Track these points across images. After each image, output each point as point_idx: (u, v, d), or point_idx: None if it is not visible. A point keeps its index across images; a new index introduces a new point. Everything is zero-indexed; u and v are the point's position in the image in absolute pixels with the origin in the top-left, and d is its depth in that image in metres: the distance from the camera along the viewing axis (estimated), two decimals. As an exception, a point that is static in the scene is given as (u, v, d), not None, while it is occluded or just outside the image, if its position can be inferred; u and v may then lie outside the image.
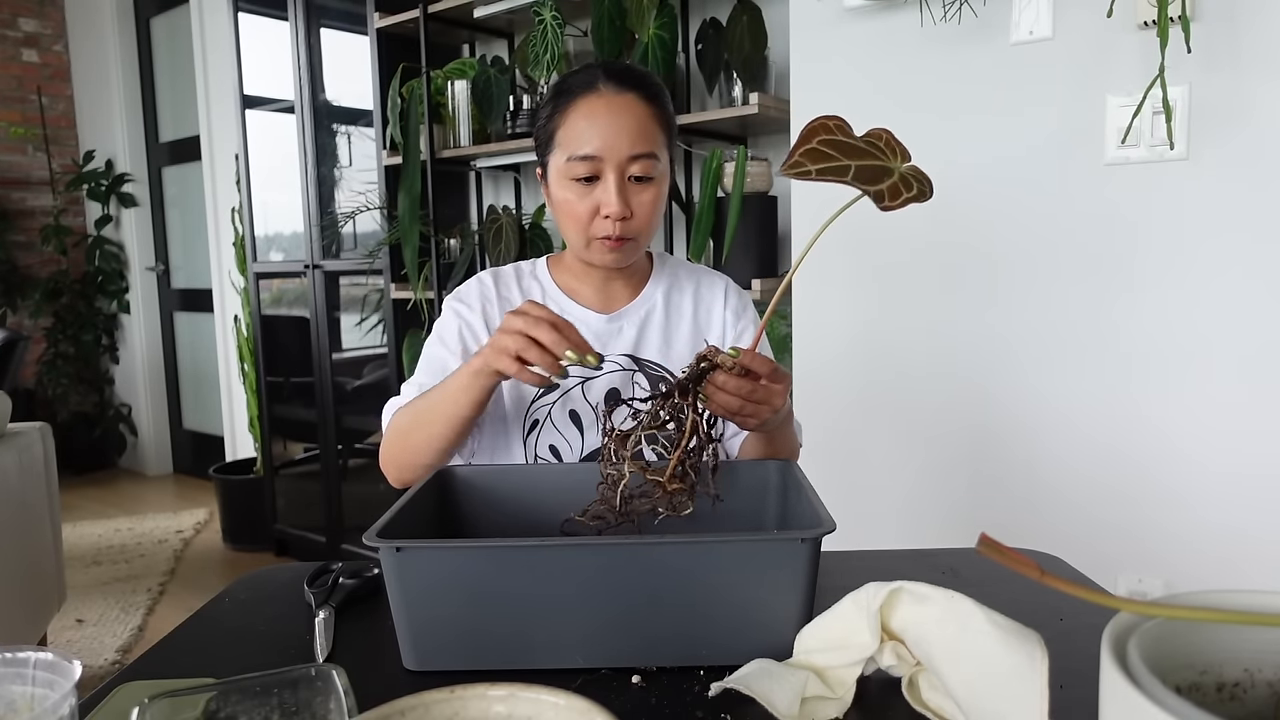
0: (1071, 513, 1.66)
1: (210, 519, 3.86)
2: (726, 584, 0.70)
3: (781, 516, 0.92)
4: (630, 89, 1.07)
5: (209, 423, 4.47)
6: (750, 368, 0.87)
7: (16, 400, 2.34)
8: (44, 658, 0.51)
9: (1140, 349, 1.58)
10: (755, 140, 2.45)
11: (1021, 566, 0.39)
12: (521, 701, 0.46)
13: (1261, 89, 1.44)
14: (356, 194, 2.90)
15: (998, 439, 1.75)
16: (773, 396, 0.90)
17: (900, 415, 1.86)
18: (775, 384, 0.90)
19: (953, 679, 0.60)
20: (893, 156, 0.81)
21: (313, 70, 3.04)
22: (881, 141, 0.81)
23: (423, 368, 1.14)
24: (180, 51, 4.20)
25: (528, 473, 1.01)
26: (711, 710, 0.65)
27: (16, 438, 2.17)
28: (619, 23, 2.24)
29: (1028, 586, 0.78)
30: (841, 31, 1.85)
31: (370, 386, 3.19)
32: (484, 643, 0.72)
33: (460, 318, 1.16)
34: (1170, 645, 0.40)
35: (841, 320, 1.91)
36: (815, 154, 0.77)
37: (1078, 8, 1.58)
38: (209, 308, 4.23)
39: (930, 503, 1.84)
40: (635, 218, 1.08)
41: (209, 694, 0.50)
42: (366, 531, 0.71)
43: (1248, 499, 1.50)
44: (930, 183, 0.81)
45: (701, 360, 0.86)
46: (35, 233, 4.55)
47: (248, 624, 0.85)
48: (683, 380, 0.84)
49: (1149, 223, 1.56)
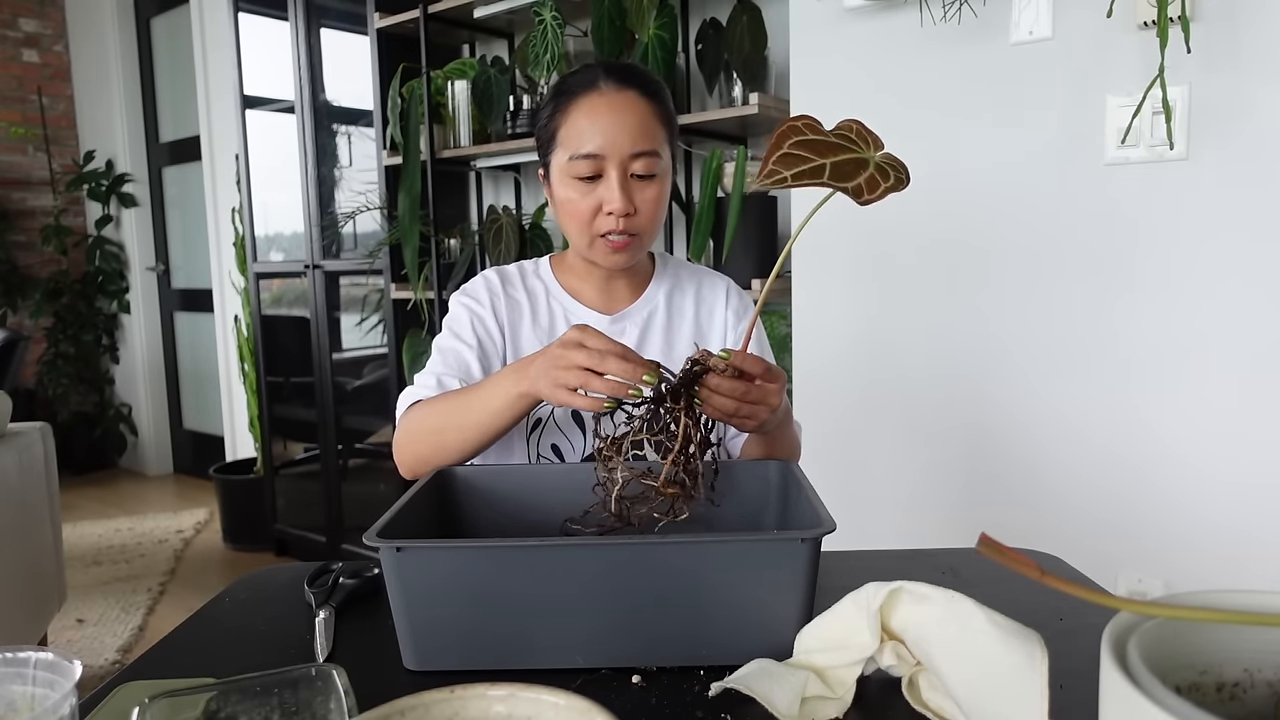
0: (1071, 513, 1.66)
1: (210, 519, 3.86)
2: (726, 584, 0.70)
3: (781, 516, 0.92)
4: (631, 87, 1.07)
5: (209, 423, 4.47)
6: (743, 369, 0.86)
7: (16, 400, 2.34)
8: (44, 658, 0.51)
9: (1140, 349, 1.58)
10: (755, 140, 2.45)
11: (1021, 566, 0.39)
12: (521, 701, 0.46)
13: (1261, 89, 1.44)
14: (356, 194, 2.90)
15: (998, 439, 1.75)
16: (768, 396, 0.89)
17: (900, 415, 1.86)
18: (770, 383, 0.89)
19: (953, 679, 0.60)
20: (866, 146, 0.80)
21: (313, 70, 3.04)
22: (853, 133, 0.80)
23: (438, 360, 1.14)
24: (180, 51, 4.20)
25: (528, 473, 1.01)
26: (711, 710, 0.65)
27: (16, 438, 2.17)
28: (619, 23, 2.24)
29: (1028, 586, 0.78)
30: (841, 31, 1.85)
31: (370, 386, 3.19)
32: (484, 643, 0.72)
33: (471, 311, 1.16)
34: (1170, 645, 0.40)
35: (841, 320, 1.91)
36: (789, 159, 0.76)
37: (1078, 8, 1.58)
38: (209, 308, 4.23)
39: (930, 503, 1.84)
40: (639, 214, 1.08)
41: (209, 694, 0.50)
42: (366, 531, 0.71)
43: (1248, 499, 1.50)
44: (906, 169, 0.80)
45: (694, 364, 0.85)
46: (35, 233, 4.56)
47: (248, 624, 0.85)
48: (674, 385, 0.83)
49: (1149, 223, 1.56)
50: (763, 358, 0.89)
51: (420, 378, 1.13)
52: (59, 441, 2.44)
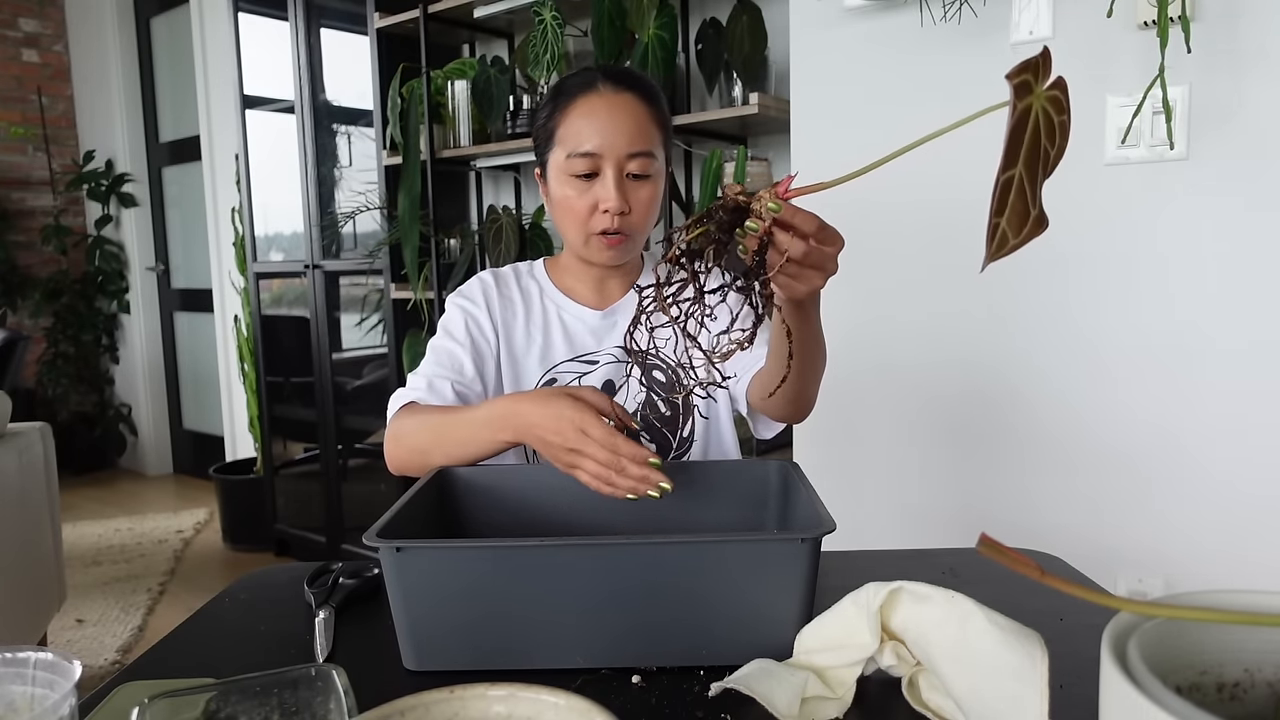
0: (1071, 513, 1.66)
1: (210, 519, 3.86)
2: (726, 584, 0.70)
3: (781, 516, 0.92)
4: (628, 89, 1.11)
5: (209, 423, 4.47)
6: (792, 224, 0.73)
7: (16, 400, 2.34)
8: (44, 658, 0.51)
9: (1140, 348, 1.58)
10: (755, 140, 2.45)
11: (1021, 566, 0.39)
12: (521, 701, 0.46)
13: (1261, 89, 1.44)
14: (356, 194, 2.90)
15: (998, 439, 1.75)
16: (826, 261, 0.76)
17: (900, 415, 1.86)
18: (825, 246, 0.75)
19: (953, 679, 0.60)
20: (1037, 82, 0.63)
21: (313, 70, 3.04)
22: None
23: (432, 360, 1.15)
24: (180, 51, 4.19)
25: (528, 473, 1.01)
26: (711, 710, 0.65)
27: (16, 438, 2.17)
28: (619, 23, 2.24)
29: (1028, 586, 0.78)
30: (841, 31, 1.85)
31: (370, 386, 3.19)
32: (484, 643, 0.72)
33: (466, 313, 1.18)
34: (1170, 645, 0.40)
35: (840, 320, 1.91)
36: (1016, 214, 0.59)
37: (1078, 8, 1.58)
38: (209, 308, 4.23)
39: (930, 503, 1.84)
40: (633, 213, 1.11)
41: (209, 694, 0.50)
42: (366, 531, 0.71)
43: (1248, 498, 1.50)
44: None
45: (733, 203, 0.70)
46: (35, 233, 4.55)
47: (248, 624, 0.85)
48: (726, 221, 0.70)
49: (1149, 223, 1.56)
50: (815, 215, 0.74)
51: (412, 378, 1.14)
52: (59, 441, 2.44)
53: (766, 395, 1.03)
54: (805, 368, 0.99)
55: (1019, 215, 0.59)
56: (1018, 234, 0.59)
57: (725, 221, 0.72)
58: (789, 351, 0.86)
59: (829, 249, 0.76)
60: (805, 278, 0.77)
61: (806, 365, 0.98)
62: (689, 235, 0.71)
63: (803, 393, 1.05)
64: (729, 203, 0.72)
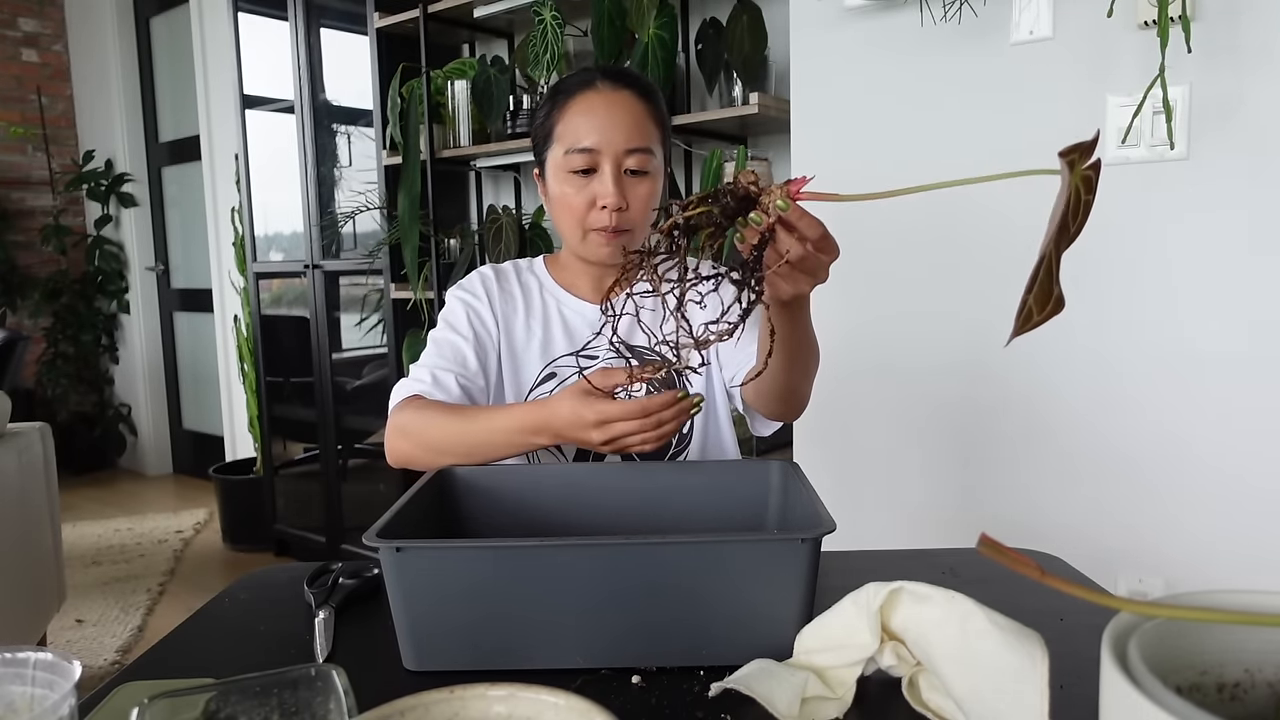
0: (1071, 513, 1.66)
1: (210, 519, 3.86)
2: (726, 584, 0.70)
3: (781, 516, 0.92)
4: (626, 87, 1.12)
5: (209, 423, 4.47)
6: (797, 226, 0.72)
7: (16, 400, 2.34)
8: (44, 658, 0.51)
9: (1140, 349, 1.58)
10: (755, 140, 2.45)
11: (1021, 566, 0.39)
12: (521, 701, 0.46)
13: (1262, 89, 1.44)
14: (356, 194, 2.90)
15: (998, 439, 1.75)
16: (819, 269, 0.78)
17: (900, 415, 1.86)
18: (823, 254, 0.76)
19: (953, 679, 0.60)
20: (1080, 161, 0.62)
21: (312, 70, 3.04)
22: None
23: (434, 352, 1.15)
24: (180, 51, 4.19)
25: (528, 473, 1.01)
26: (711, 710, 0.65)
27: (16, 438, 2.17)
28: (619, 23, 2.24)
29: (1028, 586, 0.77)
30: (841, 31, 1.85)
31: (370, 386, 3.19)
32: (484, 643, 0.72)
33: (468, 305, 1.18)
34: (1171, 645, 0.40)
35: (839, 320, 1.91)
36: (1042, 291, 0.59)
37: (1078, 8, 1.57)
38: (209, 308, 4.22)
39: (930, 503, 1.84)
40: (630, 210, 1.11)
41: (209, 694, 0.50)
42: (366, 531, 0.71)
43: (1249, 498, 1.50)
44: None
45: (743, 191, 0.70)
46: (35, 233, 4.55)
47: (248, 624, 0.85)
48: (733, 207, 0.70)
49: (1149, 223, 1.56)
50: (821, 222, 0.74)
51: (415, 370, 1.13)
52: (58, 441, 2.43)
53: (757, 393, 1.05)
54: (792, 366, 1.00)
55: (1044, 293, 0.61)
56: (1041, 311, 0.61)
57: (730, 207, 0.71)
58: (770, 349, 0.86)
59: (825, 258, 0.77)
60: (795, 281, 0.79)
61: (794, 364, 0.99)
62: (690, 211, 0.71)
63: (794, 391, 1.06)
64: (739, 190, 0.72)
